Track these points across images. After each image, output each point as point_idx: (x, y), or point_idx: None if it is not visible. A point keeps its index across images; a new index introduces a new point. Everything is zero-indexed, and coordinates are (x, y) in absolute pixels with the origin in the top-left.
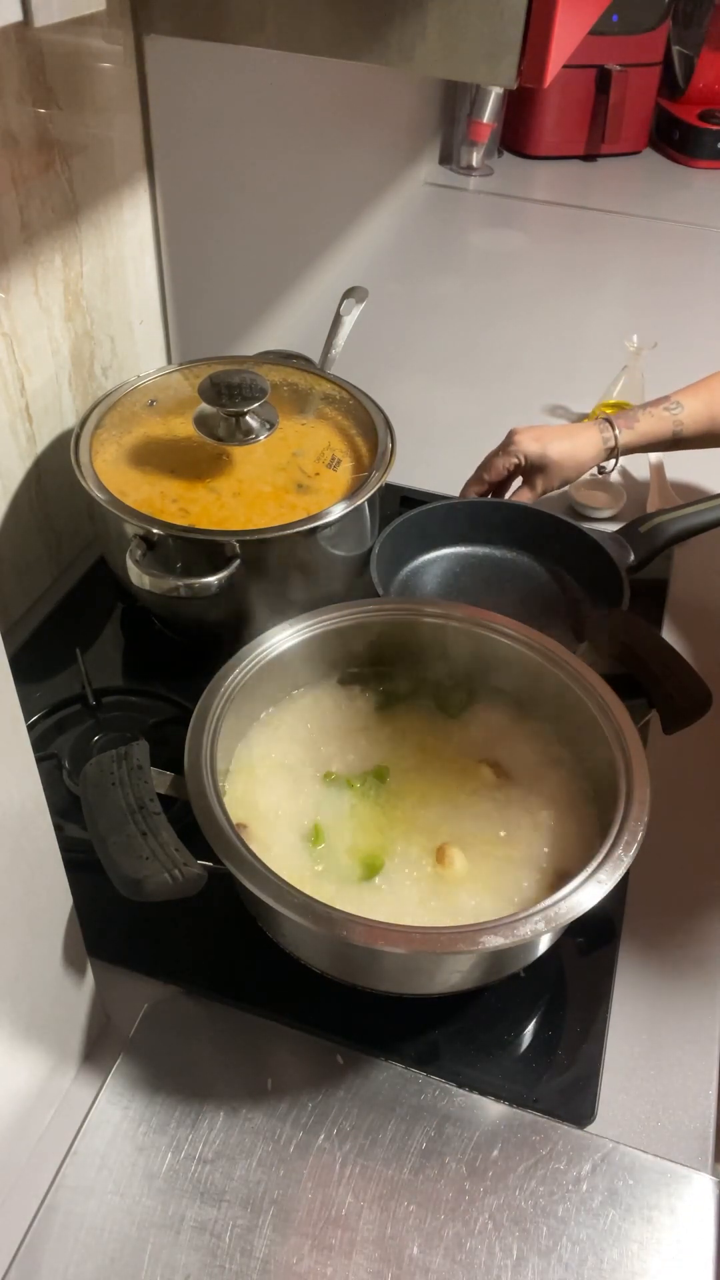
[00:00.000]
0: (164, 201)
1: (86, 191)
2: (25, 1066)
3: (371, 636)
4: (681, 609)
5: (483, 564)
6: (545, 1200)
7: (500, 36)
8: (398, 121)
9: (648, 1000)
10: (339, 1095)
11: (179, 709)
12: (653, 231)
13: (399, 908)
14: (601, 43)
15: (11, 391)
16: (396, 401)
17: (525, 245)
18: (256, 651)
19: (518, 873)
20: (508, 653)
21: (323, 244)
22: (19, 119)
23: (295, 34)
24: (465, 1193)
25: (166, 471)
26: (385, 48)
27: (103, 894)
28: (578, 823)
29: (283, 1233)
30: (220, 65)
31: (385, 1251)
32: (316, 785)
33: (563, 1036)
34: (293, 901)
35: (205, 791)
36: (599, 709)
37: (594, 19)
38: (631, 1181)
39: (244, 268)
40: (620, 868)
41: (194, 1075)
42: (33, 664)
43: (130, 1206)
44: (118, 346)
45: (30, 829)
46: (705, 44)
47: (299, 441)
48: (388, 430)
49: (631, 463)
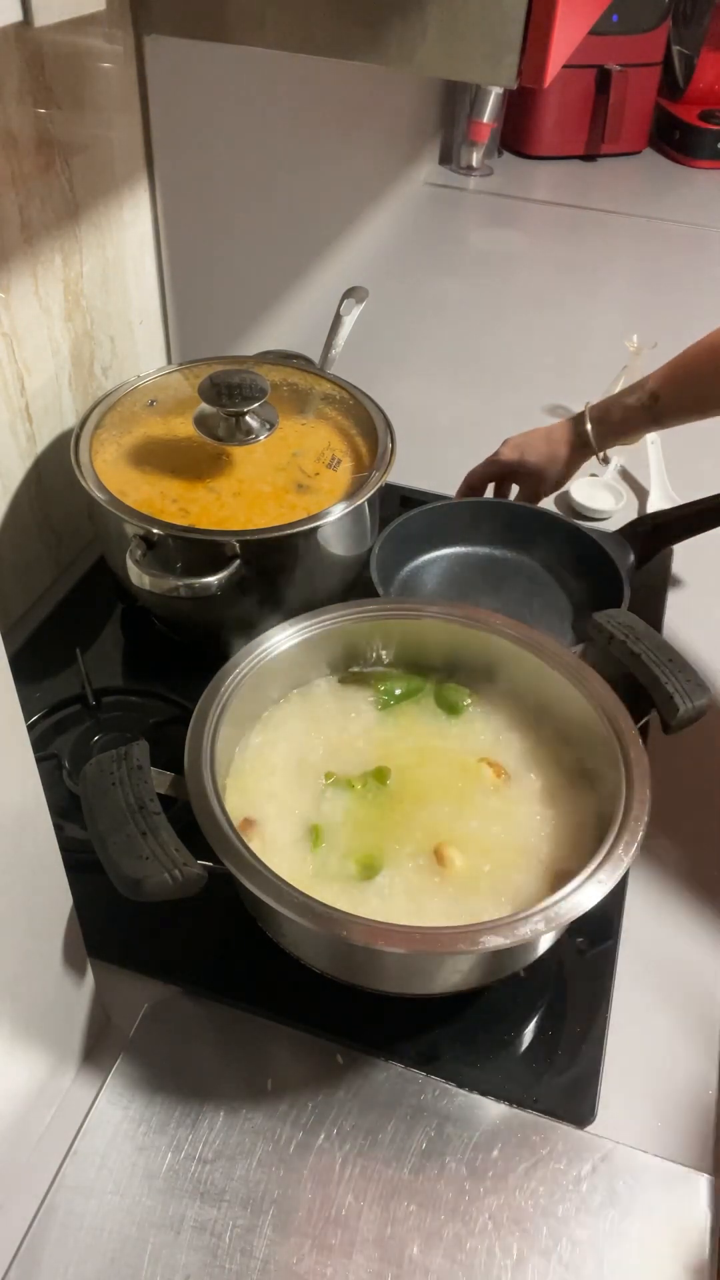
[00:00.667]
0: (164, 201)
1: (86, 191)
2: (25, 1066)
3: (371, 636)
4: (681, 609)
5: (483, 564)
6: (545, 1200)
7: (500, 36)
8: (398, 121)
9: (648, 1000)
10: (339, 1095)
11: (179, 709)
12: (653, 231)
13: (399, 908)
14: (601, 43)
15: (11, 391)
16: (396, 401)
17: (525, 245)
18: (256, 651)
19: (518, 873)
20: (508, 653)
21: (323, 244)
22: (19, 119)
23: (295, 34)
24: (465, 1193)
25: (166, 471)
26: (385, 48)
27: (103, 894)
28: (578, 823)
29: (283, 1233)
30: (220, 65)
31: (385, 1251)
32: (317, 785)
33: (563, 1036)
34: (293, 901)
35: (205, 791)
36: (599, 709)
37: (594, 19)
38: (631, 1181)
39: (244, 268)
40: (620, 868)
41: (194, 1075)
42: (33, 664)
43: (130, 1206)
44: (118, 346)
45: (30, 829)
46: (705, 44)
47: (299, 441)
48: (388, 430)
49: (631, 463)
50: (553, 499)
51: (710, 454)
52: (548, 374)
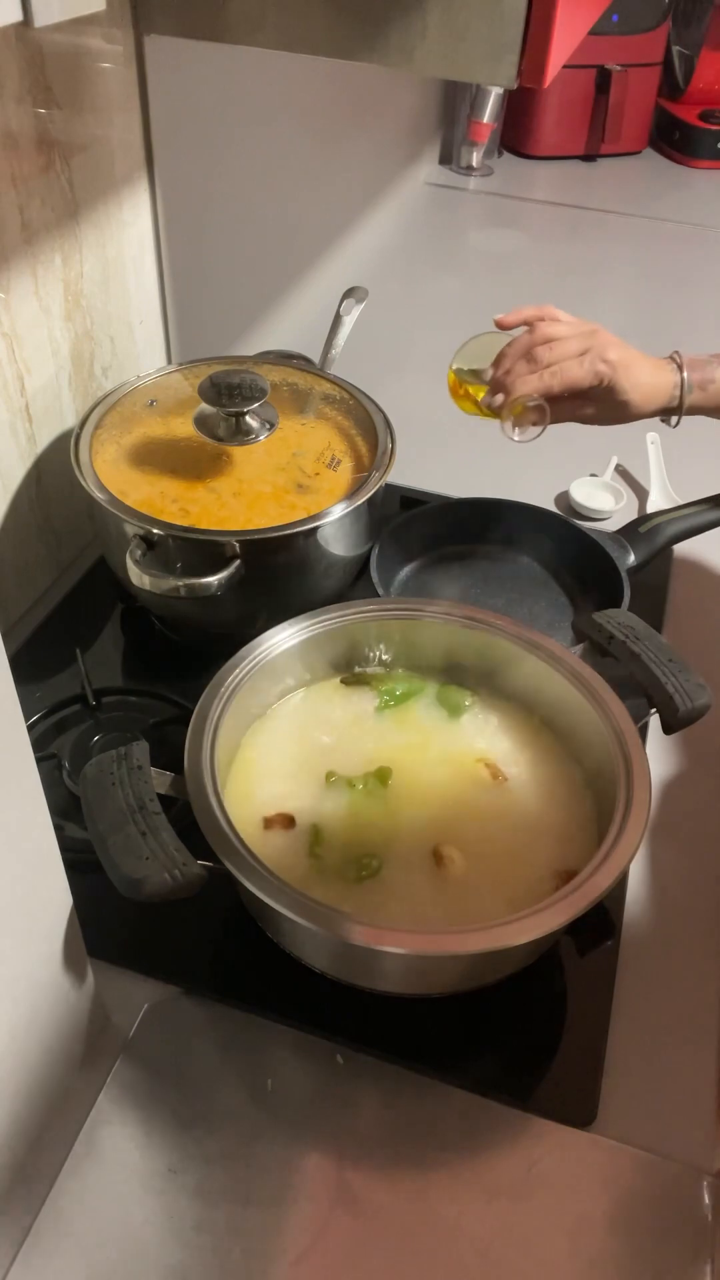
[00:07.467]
0: (164, 201)
1: (86, 191)
2: (25, 1066)
3: (371, 636)
4: (681, 609)
5: (483, 564)
6: (545, 1201)
7: (500, 36)
8: (398, 121)
9: (648, 1000)
10: (339, 1095)
11: (179, 709)
12: (653, 231)
13: (399, 908)
14: (601, 43)
15: (11, 391)
16: (396, 401)
17: (525, 245)
18: (256, 651)
19: (518, 873)
20: (508, 653)
21: (323, 244)
22: (19, 119)
23: (295, 34)
24: (465, 1193)
25: (166, 471)
26: (385, 48)
27: (103, 894)
28: (578, 823)
29: (283, 1233)
30: (220, 65)
31: (385, 1252)
32: (317, 785)
33: (563, 1036)
34: (293, 901)
35: (205, 791)
36: (599, 709)
37: (594, 19)
38: (631, 1181)
39: (244, 268)
40: (620, 867)
41: (194, 1075)
42: (33, 664)
43: (130, 1206)
44: (118, 346)
45: (30, 829)
46: (705, 44)
47: (299, 441)
48: (388, 430)
49: (631, 462)
50: (553, 499)
51: (710, 454)
52: None
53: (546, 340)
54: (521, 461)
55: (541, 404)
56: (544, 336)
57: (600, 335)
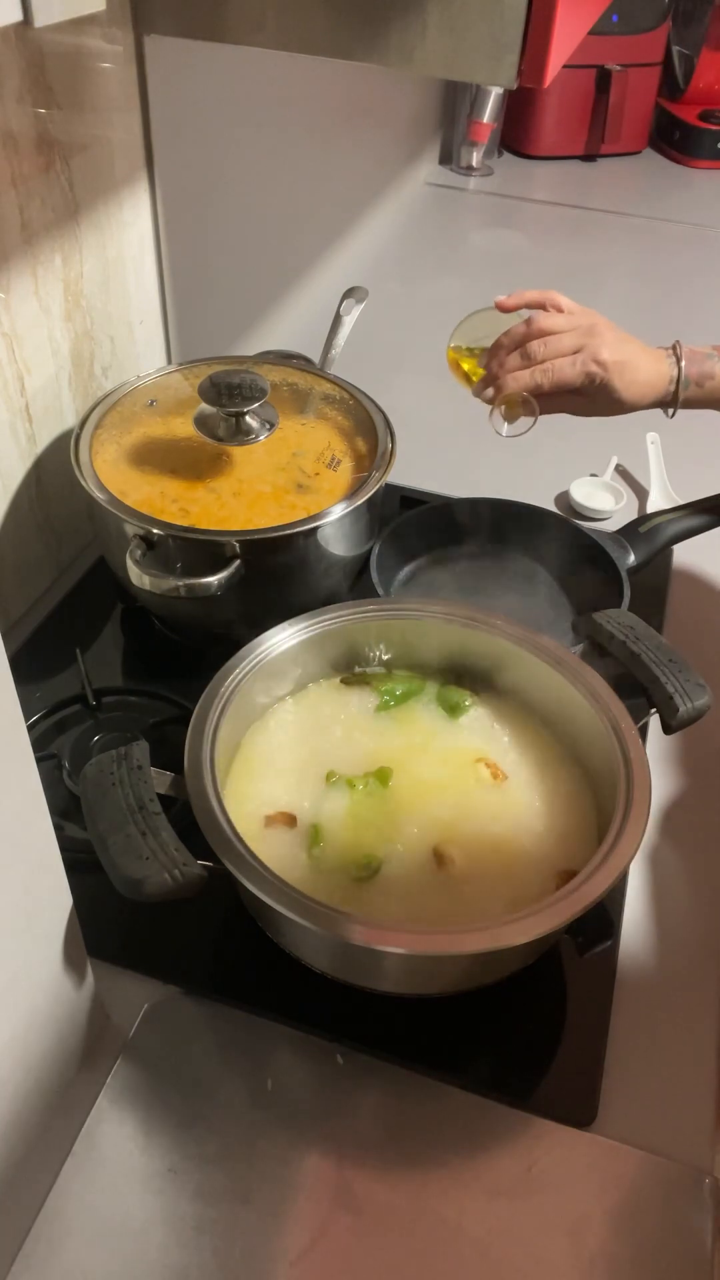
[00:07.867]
0: (164, 201)
1: (86, 191)
2: (25, 1066)
3: (371, 636)
4: (681, 609)
5: (483, 564)
6: (545, 1201)
7: (500, 36)
8: (398, 122)
9: (648, 1000)
10: (339, 1095)
11: (179, 709)
12: (653, 231)
13: (399, 908)
14: (601, 43)
15: (11, 391)
16: (396, 401)
17: (525, 245)
18: (256, 651)
19: (517, 873)
20: (508, 653)
21: (323, 244)
22: (19, 119)
23: (295, 34)
24: (465, 1193)
25: (166, 471)
26: (385, 48)
27: (103, 894)
28: (578, 823)
29: (283, 1233)
30: (220, 65)
31: (385, 1252)
32: (317, 785)
33: (563, 1036)
34: (293, 901)
35: (205, 791)
36: (599, 709)
37: (594, 19)
38: (632, 1181)
39: (244, 268)
40: (620, 867)
41: (194, 1075)
42: (33, 664)
43: (130, 1207)
44: (118, 346)
45: (30, 829)
46: (705, 44)
47: (299, 441)
48: (388, 430)
49: (631, 462)
50: (553, 499)
51: (710, 454)
52: None
53: (542, 334)
54: (521, 461)
55: (530, 400)
56: (540, 330)
57: (597, 332)
